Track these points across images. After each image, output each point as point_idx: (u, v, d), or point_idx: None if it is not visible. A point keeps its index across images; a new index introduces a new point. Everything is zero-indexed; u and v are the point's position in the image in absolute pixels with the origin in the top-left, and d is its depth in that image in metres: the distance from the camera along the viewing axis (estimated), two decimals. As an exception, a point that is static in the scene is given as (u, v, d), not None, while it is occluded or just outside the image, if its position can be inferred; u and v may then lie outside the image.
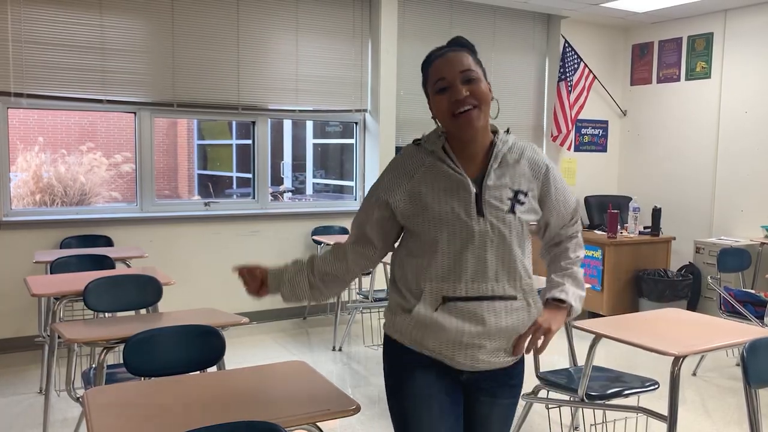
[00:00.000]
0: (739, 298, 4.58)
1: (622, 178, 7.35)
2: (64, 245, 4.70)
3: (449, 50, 1.66)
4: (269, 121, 5.62)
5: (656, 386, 2.81)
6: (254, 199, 5.67)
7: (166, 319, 2.74)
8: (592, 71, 6.80)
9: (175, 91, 5.11)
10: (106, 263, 4.05)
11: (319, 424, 1.76)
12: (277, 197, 8.12)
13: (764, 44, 5.97)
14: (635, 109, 7.16)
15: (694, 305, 5.92)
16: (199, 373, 2.35)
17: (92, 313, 3.59)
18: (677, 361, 2.40)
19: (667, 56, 6.81)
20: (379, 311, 5.51)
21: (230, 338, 3.87)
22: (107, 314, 3.52)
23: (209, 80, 5.22)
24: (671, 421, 2.43)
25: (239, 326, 2.71)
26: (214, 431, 1.51)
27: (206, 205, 5.42)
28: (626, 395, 2.75)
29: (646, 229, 5.98)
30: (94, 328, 2.66)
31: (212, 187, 11.59)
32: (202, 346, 2.39)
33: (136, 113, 5.07)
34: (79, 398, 2.88)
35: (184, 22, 5.10)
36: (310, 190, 10.89)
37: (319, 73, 5.68)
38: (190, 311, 2.87)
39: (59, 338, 2.82)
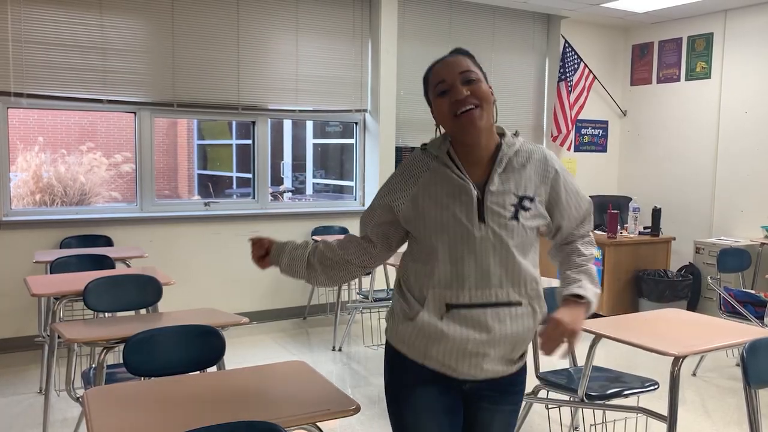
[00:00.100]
0: (739, 298, 4.58)
1: (622, 178, 7.36)
2: (64, 245, 4.70)
3: (447, 56, 1.68)
4: (269, 121, 5.62)
5: (656, 386, 2.81)
6: (254, 199, 5.67)
7: (166, 319, 2.74)
8: (592, 71, 6.81)
9: (175, 91, 5.11)
10: (106, 263, 4.06)
11: (319, 424, 1.77)
12: (277, 197, 8.12)
13: (764, 44, 5.97)
14: (635, 109, 7.17)
15: (694, 305, 5.92)
16: (199, 373, 2.35)
17: (92, 313, 3.59)
18: (677, 361, 2.40)
19: (667, 56, 6.81)
20: (379, 311, 5.51)
21: (230, 338, 3.88)
22: (107, 314, 3.52)
23: (209, 80, 5.22)
24: (671, 421, 2.43)
25: (239, 326, 2.71)
26: (214, 431, 1.51)
27: (206, 205, 5.43)
28: (626, 395, 2.75)
29: (646, 229, 5.98)
30: (94, 328, 2.66)
31: (212, 187, 11.59)
32: (202, 346, 2.39)
33: (136, 113, 5.07)
34: (78, 398, 2.88)
35: (184, 22, 5.10)
36: (310, 190, 10.89)
37: (319, 73, 5.68)
38: (190, 311, 2.87)
39: (59, 338, 2.82)
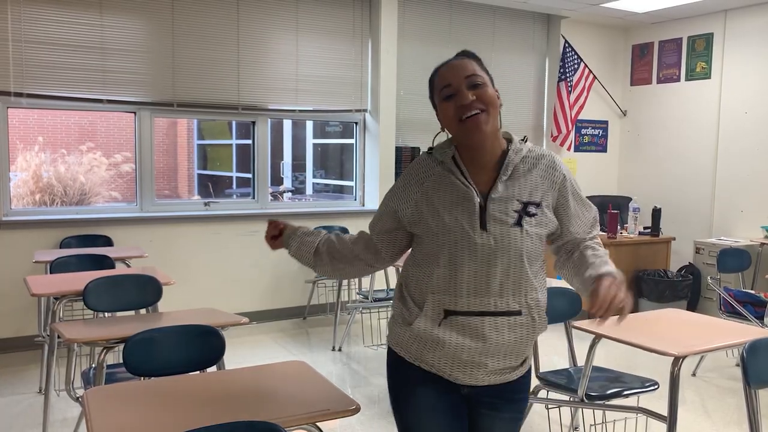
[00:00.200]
0: (738, 298, 4.58)
1: (622, 178, 7.35)
2: (63, 245, 4.70)
3: (453, 59, 1.66)
4: (269, 121, 5.62)
5: (656, 386, 2.81)
6: (254, 199, 5.67)
7: (165, 319, 2.74)
8: (592, 71, 6.81)
9: (175, 90, 5.11)
10: (105, 263, 4.06)
11: (318, 424, 1.77)
12: (276, 197, 8.11)
13: (764, 44, 5.97)
14: (635, 109, 7.16)
15: (693, 306, 5.92)
16: (198, 373, 2.35)
17: (92, 312, 3.59)
18: (677, 361, 2.40)
19: (667, 56, 6.81)
20: (378, 311, 5.51)
21: (230, 338, 3.88)
22: (107, 314, 3.52)
23: (209, 80, 5.22)
24: (671, 421, 2.43)
25: (239, 326, 2.71)
26: (214, 431, 1.51)
27: (206, 205, 5.42)
28: (626, 395, 2.75)
29: (646, 229, 5.98)
30: (93, 327, 2.66)
31: (212, 187, 11.58)
32: (201, 346, 2.39)
33: (136, 113, 5.07)
34: (78, 398, 2.88)
35: (184, 21, 5.10)
36: (310, 190, 10.89)
37: (319, 73, 5.68)
38: (189, 311, 2.87)
39: (59, 338, 2.81)
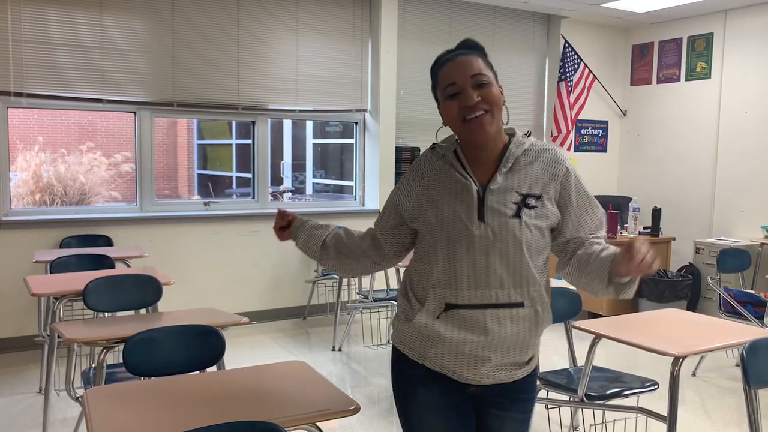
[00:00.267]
0: (738, 298, 4.58)
1: (622, 178, 7.35)
2: (63, 245, 4.70)
3: (459, 53, 1.61)
4: (269, 120, 5.62)
5: (656, 386, 2.81)
6: (254, 199, 5.67)
7: (165, 318, 2.74)
8: (592, 71, 6.81)
9: (175, 90, 5.11)
10: (105, 263, 4.06)
11: (318, 424, 1.76)
12: (276, 197, 8.10)
13: (764, 44, 5.97)
14: (635, 109, 7.16)
15: (693, 306, 5.92)
16: (198, 373, 2.35)
17: (92, 312, 3.59)
18: (677, 361, 2.40)
19: (667, 56, 6.81)
20: (378, 311, 5.51)
21: (230, 338, 3.88)
22: (107, 314, 3.52)
23: (209, 80, 5.22)
24: (671, 421, 2.43)
25: (239, 326, 2.71)
26: (213, 431, 1.51)
27: (206, 204, 5.42)
28: (626, 395, 2.75)
29: (645, 229, 5.98)
30: (93, 327, 2.66)
31: (212, 186, 11.59)
32: (201, 346, 2.39)
33: (136, 113, 5.07)
34: (78, 398, 2.87)
35: (184, 21, 5.09)
36: (309, 190, 10.89)
37: (319, 73, 5.68)
38: (189, 311, 2.87)
39: (59, 338, 2.81)
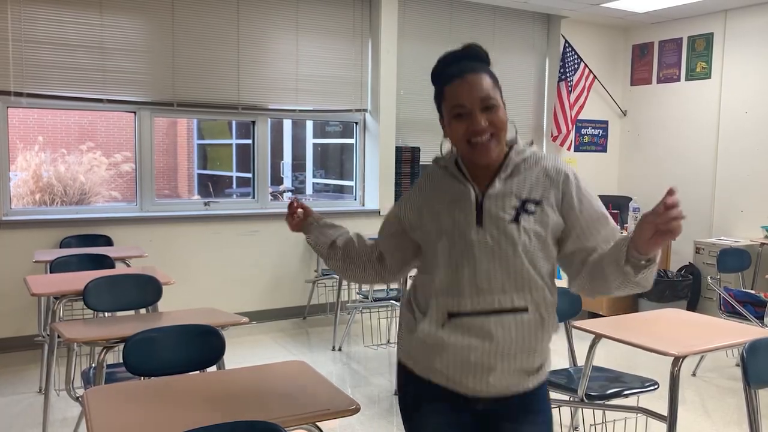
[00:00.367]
0: (738, 298, 4.58)
1: (622, 178, 7.35)
2: (63, 245, 4.70)
3: (468, 71, 1.54)
4: (269, 120, 5.62)
5: (656, 386, 2.81)
6: (254, 198, 5.67)
7: (165, 318, 2.74)
8: (592, 71, 6.80)
9: (175, 90, 5.11)
10: (105, 263, 4.05)
11: (318, 424, 1.77)
12: (276, 197, 8.10)
13: (764, 44, 5.97)
14: (635, 109, 7.16)
15: (693, 305, 5.92)
16: (198, 372, 2.35)
17: (92, 312, 3.59)
18: (677, 361, 2.40)
19: (667, 56, 6.81)
20: (378, 311, 5.51)
21: (230, 338, 3.87)
22: (107, 314, 3.52)
23: (209, 80, 5.22)
24: (671, 421, 2.43)
25: (239, 326, 2.71)
26: (213, 431, 1.51)
27: (206, 204, 5.42)
28: (626, 395, 2.75)
29: (646, 229, 5.97)
30: (93, 327, 2.66)
31: (212, 186, 11.59)
32: (201, 345, 2.39)
33: (136, 113, 5.07)
34: (78, 398, 2.87)
35: (184, 21, 5.09)
36: (310, 189, 10.89)
37: (319, 72, 5.67)
38: (189, 311, 2.87)
39: (59, 338, 2.81)
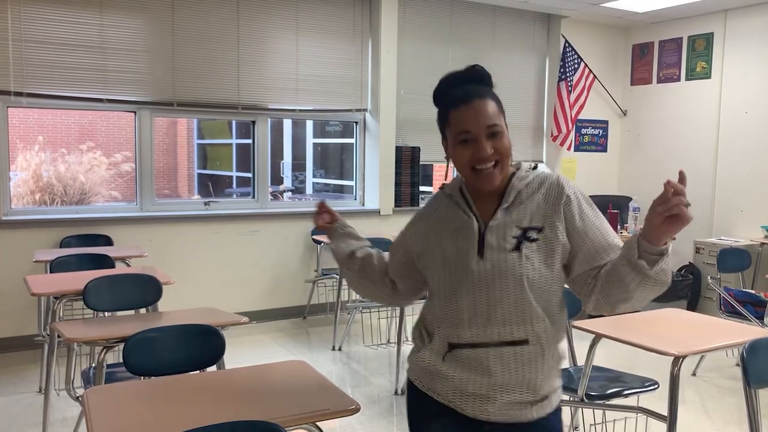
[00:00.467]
0: (738, 298, 4.58)
1: (622, 178, 7.35)
2: (63, 244, 4.70)
3: (475, 96, 1.53)
4: (269, 120, 5.62)
5: (656, 386, 2.81)
6: (254, 198, 5.67)
7: (165, 318, 2.74)
8: (592, 71, 6.80)
9: (175, 90, 5.11)
10: (105, 262, 4.05)
11: (318, 423, 1.76)
12: (277, 197, 8.12)
13: (764, 44, 5.97)
14: (635, 109, 7.16)
15: (694, 305, 5.92)
16: (198, 372, 2.35)
17: (92, 312, 3.59)
18: (677, 361, 2.40)
19: (667, 56, 6.81)
20: (378, 311, 5.51)
21: (230, 338, 3.88)
22: (107, 313, 3.52)
23: (209, 79, 5.22)
24: (671, 421, 2.43)
25: (239, 326, 2.71)
26: (213, 431, 1.51)
27: (206, 204, 5.42)
28: (626, 395, 2.75)
29: (646, 229, 5.97)
30: (93, 327, 2.66)
31: (212, 186, 11.60)
32: (201, 345, 2.39)
33: (136, 112, 5.07)
34: (78, 397, 2.88)
35: (184, 21, 5.09)
36: (310, 189, 10.91)
37: (319, 72, 5.67)
38: (189, 311, 2.86)
39: (59, 337, 2.81)
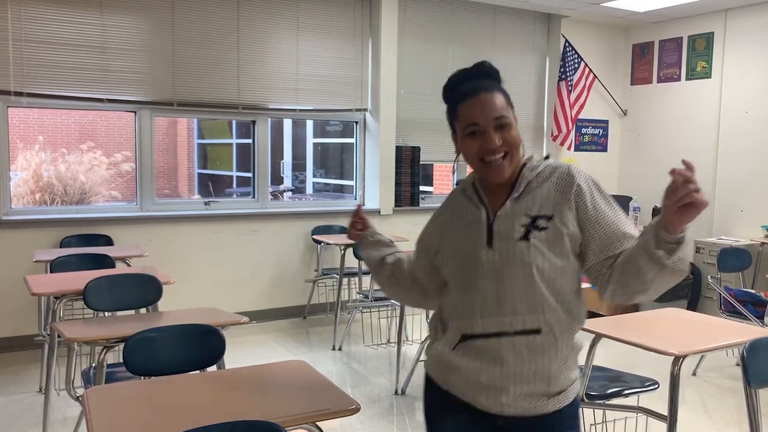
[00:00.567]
0: (739, 297, 4.58)
1: (622, 177, 7.35)
2: (63, 244, 4.70)
3: (482, 90, 1.55)
4: (269, 120, 5.62)
5: (656, 386, 2.81)
6: (254, 198, 5.67)
7: (165, 318, 2.74)
8: (592, 71, 6.80)
9: (175, 90, 5.11)
10: (106, 262, 4.05)
11: (319, 423, 1.76)
12: (277, 196, 8.12)
13: (765, 44, 5.97)
14: (635, 108, 7.16)
15: (694, 305, 5.92)
16: (198, 372, 2.35)
17: (92, 312, 3.59)
18: (677, 361, 2.40)
19: (667, 56, 6.81)
20: (378, 311, 5.51)
21: (230, 338, 3.88)
22: (107, 313, 3.52)
23: (209, 79, 5.22)
24: (671, 421, 2.43)
25: (239, 326, 2.71)
26: (213, 431, 1.51)
27: (206, 204, 5.42)
28: (626, 395, 2.75)
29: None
30: (93, 327, 2.66)
31: (212, 186, 11.60)
32: (201, 345, 2.39)
33: (136, 112, 5.07)
34: (78, 397, 2.88)
35: (184, 20, 5.09)
36: (310, 189, 10.90)
37: (319, 72, 5.67)
38: (189, 310, 2.86)
39: (59, 337, 2.81)
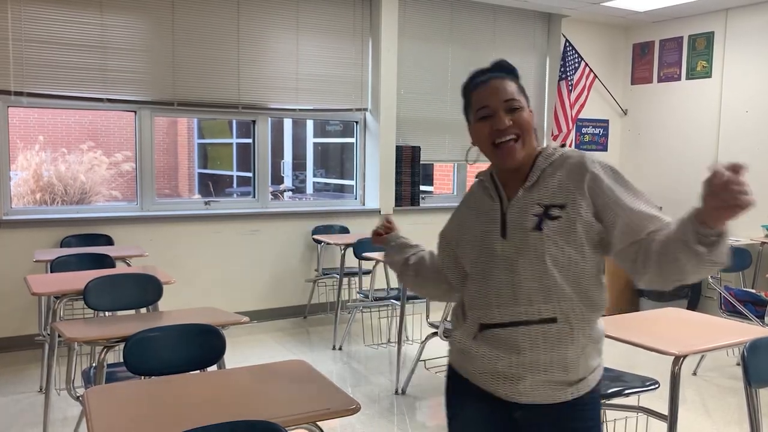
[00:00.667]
0: (739, 297, 4.58)
1: (622, 177, 7.34)
2: (64, 244, 4.70)
3: (493, 76, 1.60)
4: (269, 120, 5.62)
5: (656, 386, 2.81)
6: (254, 198, 5.67)
7: (166, 318, 2.74)
8: (592, 70, 6.80)
9: (175, 89, 5.11)
10: (106, 262, 4.06)
11: (319, 423, 1.76)
12: (277, 196, 8.12)
13: (765, 43, 5.96)
14: (636, 108, 7.16)
15: (694, 305, 5.92)
16: (199, 372, 2.35)
17: (92, 312, 3.59)
18: (677, 360, 2.40)
19: (667, 55, 6.80)
20: (379, 310, 5.51)
21: (230, 337, 3.88)
22: (107, 313, 3.52)
23: (210, 79, 5.22)
24: (671, 420, 2.43)
25: (239, 325, 2.71)
26: (213, 431, 1.51)
27: (206, 204, 5.42)
28: (626, 395, 2.75)
29: (646, 228, 5.98)
30: (94, 327, 2.66)
31: (212, 186, 11.59)
32: (202, 345, 2.39)
33: (136, 112, 5.07)
34: (79, 397, 2.88)
35: (184, 20, 5.09)
36: (310, 189, 10.90)
37: (319, 71, 5.67)
38: (190, 310, 2.87)
39: (59, 337, 2.82)
